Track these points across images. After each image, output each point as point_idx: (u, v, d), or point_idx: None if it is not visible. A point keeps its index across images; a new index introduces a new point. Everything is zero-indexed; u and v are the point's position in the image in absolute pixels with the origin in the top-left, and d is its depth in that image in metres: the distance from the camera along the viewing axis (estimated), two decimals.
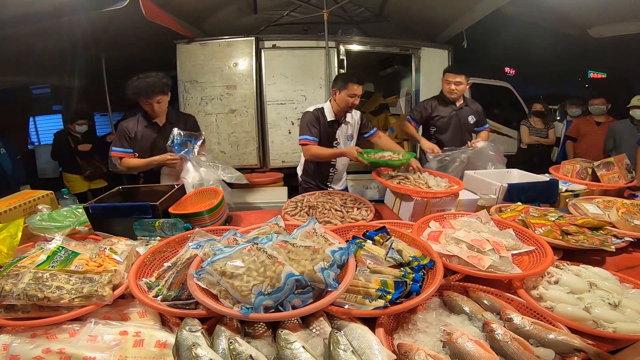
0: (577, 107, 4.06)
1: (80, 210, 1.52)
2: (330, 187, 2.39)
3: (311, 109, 2.19)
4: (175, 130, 2.03)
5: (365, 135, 2.38)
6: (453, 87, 2.46)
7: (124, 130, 2.15)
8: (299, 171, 2.48)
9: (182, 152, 2.00)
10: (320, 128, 2.15)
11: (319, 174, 2.36)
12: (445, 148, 2.44)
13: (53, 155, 4.21)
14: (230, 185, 2.12)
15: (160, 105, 2.08)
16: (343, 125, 2.24)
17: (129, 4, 2.55)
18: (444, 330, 0.82)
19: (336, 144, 2.26)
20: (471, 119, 2.60)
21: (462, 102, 2.58)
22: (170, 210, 1.50)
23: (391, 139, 4.57)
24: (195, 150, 2.07)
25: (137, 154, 2.16)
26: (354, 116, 2.30)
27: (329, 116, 2.18)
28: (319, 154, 2.12)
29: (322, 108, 2.19)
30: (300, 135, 2.14)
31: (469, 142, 2.45)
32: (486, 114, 2.71)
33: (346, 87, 2.08)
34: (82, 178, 4.07)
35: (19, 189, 1.89)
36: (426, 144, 2.50)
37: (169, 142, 2.01)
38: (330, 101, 2.21)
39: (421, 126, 2.77)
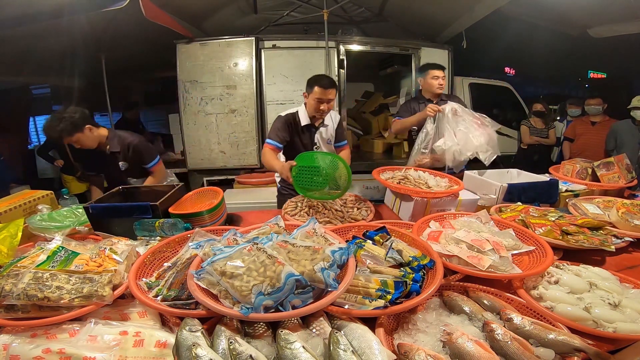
0: (577, 107, 4.06)
1: (80, 210, 1.52)
2: None
3: (283, 113, 2.07)
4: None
5: (335, 145, 2.23)
6: (441, 81, 2.44)
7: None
8: (277, 177, 2.30)
9: None
10: (291, 133, 2.02)
11: None
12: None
13: (39, 152, 4.19)
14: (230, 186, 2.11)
15: (82, 144, 1.97)
16: (322, 128, 2.12)
17: (129, 4, 2.55)
18: (444, 330, 0.82)
19: (316, 148, 2.14)
20: None
21: (438, 98, 2.47)
22: (170, 210, 1.50)
23: (392, 139, 4.58)
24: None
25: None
26: (333, 118, 2.17)
27: (304, 120, 2.04)
28: (268, 163, 1.92)
29: (297, 112, 2.07)
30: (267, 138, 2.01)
31: None
32: (487, 114, 2.61)
33: (312, 90, 1.90)
34: (76, 179, 4.05)
35: (9, 193, 1.85)
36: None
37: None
38: (304, 104, 2.09)
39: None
